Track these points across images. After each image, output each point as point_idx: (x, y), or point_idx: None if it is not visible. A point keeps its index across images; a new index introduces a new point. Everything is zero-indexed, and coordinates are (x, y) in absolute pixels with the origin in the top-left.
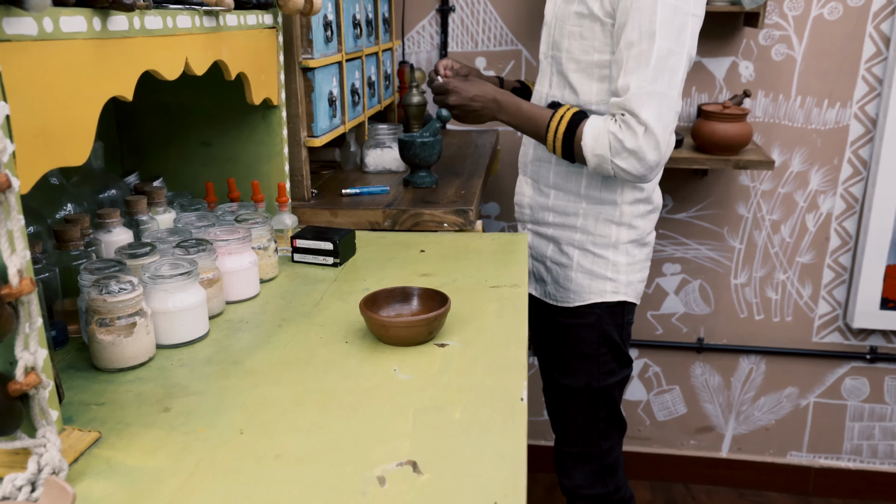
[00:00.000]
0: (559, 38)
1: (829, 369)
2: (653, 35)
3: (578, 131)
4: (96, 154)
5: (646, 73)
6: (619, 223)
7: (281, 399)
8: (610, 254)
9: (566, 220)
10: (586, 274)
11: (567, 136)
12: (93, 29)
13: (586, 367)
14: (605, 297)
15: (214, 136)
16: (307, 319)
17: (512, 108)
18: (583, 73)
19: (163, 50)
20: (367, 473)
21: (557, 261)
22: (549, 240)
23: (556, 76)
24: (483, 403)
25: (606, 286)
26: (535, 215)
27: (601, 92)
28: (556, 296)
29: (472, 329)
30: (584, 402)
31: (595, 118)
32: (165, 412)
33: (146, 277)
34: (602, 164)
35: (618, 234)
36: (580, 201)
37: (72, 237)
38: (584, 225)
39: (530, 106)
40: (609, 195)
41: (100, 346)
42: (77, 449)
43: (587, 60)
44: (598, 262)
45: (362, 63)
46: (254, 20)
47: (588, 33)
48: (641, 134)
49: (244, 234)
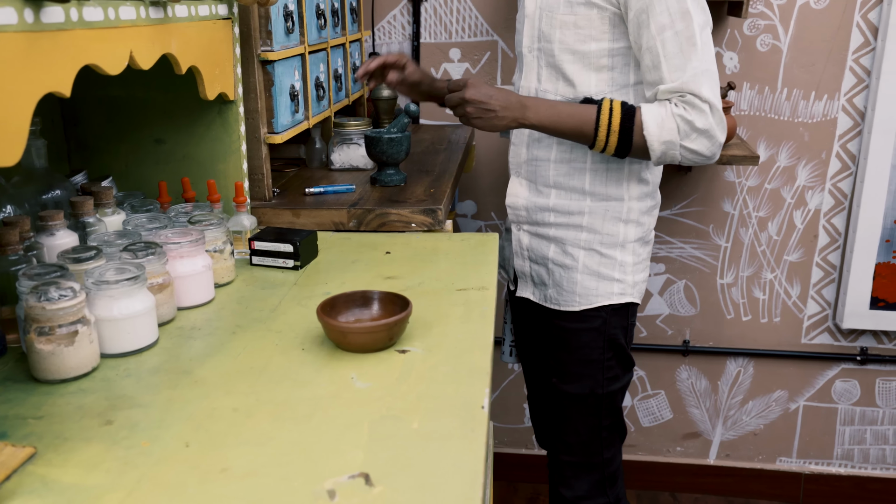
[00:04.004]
0: (548, 28)
1: (818, 371)
2: (686, 13)
3: (637, 121)
4: (39, 152)
5: (695, 53)
6: (627, 220)
7: (231, 410)
8: (617, 253)
9: (570, 220)
10: (592, 275)
11: (625, 128)
12: (24, 21)
13: (590, 373)
14: (612, 300)
15: (168, 133)
16: (263, 326)
17: (545, 108)
18: (580, 64)
19: (104, 43)
20: (316, 487)
21: (560, 262)
22: (550, 241)
23: (547, 69)
24: (443, 412)
25: (614, 287)
26: (533, 217)
27: (601, 82)
28: (559, 299)
29: (435, 334)
30: (588, 410)
31: (649, 106)
32: (107, 425)
33: (90, 283)
34: (670, 150)
35: (625, 233)
36: (584, 199)
37: (10, 241)
38: (591, 223)
39: (565, 103)
40: (616, 191)
41: (39, 356)
42: (9, 466)
43: (584, 50)
44: (606, 263)
45: (328, 55)
46: (206, 11)
47: (583, 22)
48: (709, 112)
49: (197, 236)
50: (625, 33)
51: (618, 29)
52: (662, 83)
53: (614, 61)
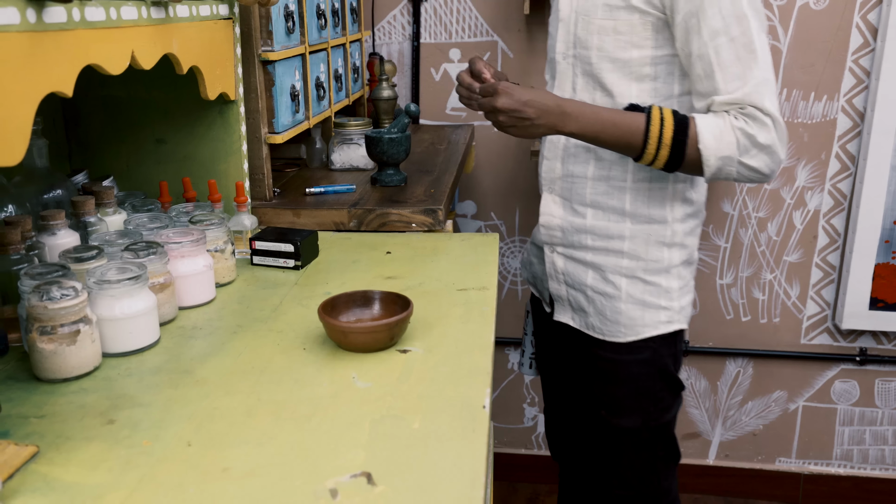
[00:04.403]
0: (584, 34)
1: (818, 372)
2: (742, 16)
3: (691, 133)
4: (40, 152)
5: (754, 60)
6: (671, 244)
7: (232, 410)
8: (662, 280)
9: (609, 244)
10: (637, 304)
11: (678, 141)
12: (27, 21)
13: (642, 406)
14: (660, 329)
15: (169, 133)
16: (264, 325)
17: (586, 115)
18: (619, 73)
19: (106, 43)
20: (318, 486)
21: (601, 290)
22: (588, 266)
23: (583, 78)
24: (443, 412)
25: (661, 316)
26: (569, 238)
27: (642, 93)
28: (603, 329)
29: (436, 334)
30: (642, 444)
31: (704, 116)
32: (109, 424)
33: (91, 283)
34: (726, 166)
35: (670, 257)
36: (624, 220)
37: (11, 240)
38: (633, 249)
39: (610, 110)
40: (658, 211)
41: (41, 355)
42: (12, 465)
43: (624, 58)
44: (651, 291)
45: (328, 55)
46: (207, 11)
47: (624, 27)
48: (772, 126)
49: (198, 236)
50: (669, 39)
51: (662, 35)
52: (717, 94)
53: (657, 70)
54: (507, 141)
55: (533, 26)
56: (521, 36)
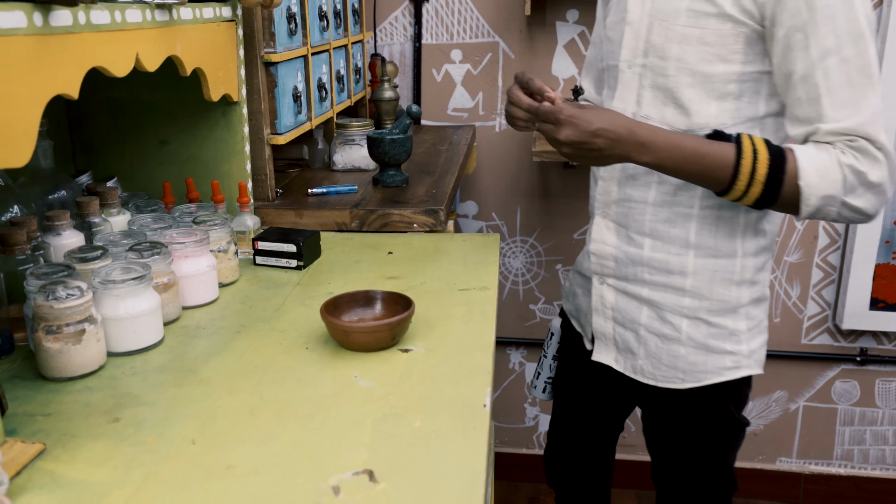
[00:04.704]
0: (661, 41)
1: (818, 372)
2: (859, 36)
3: (789, 168)
4: (45, 153)
5: (870, 87)
6: (740, 282)
7: (235, 408)
8: (728, 321)
9: (669, 280)
10: (699, 349)
11: (774, 178)
12: (33, 25)
13: (703, 452)
14: (724, 376)
15: (172, 134)
16: (267, 325)
17: (666, 145)
18: (700, 89)
19: (111, 46)
20: (321, 484)
21: (657, 331)
22: (642, 302)
23: (652, 91)
24: (445, 411)
25: (725, 361)
26: (623, 270)
27: (722, 113)
28: (656, 374)
29: (437, 334)
30: (703, 486)
31: (804, 148)
32: (114, 423)
33: (96, 282)
34: (827, 206)
35: (738, 296)
36: (687, 253)
37: (17, 241)
38: (696, 287)
39: (692, 139)
40: (727, 244)
41: (46, 354)
42: (19, 462)
43: (708, 72)
44: (714, 334)
45: (330, 56)
46: (210, 13)
47: (712, 37)
48: (885, 162)
49: (202, 236)
50: (761, 55)
51: (753, 49)
52: (823, 122)
53: (743, 88)
54: (509, 142)
55: (534, 27)
56: (523, 37)
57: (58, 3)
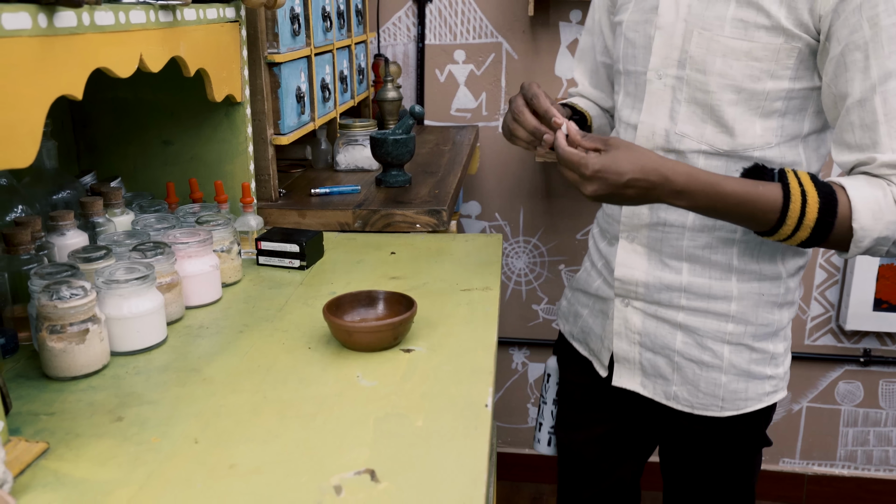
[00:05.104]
0: (701, 53)
1: (822, 373)
2: None
3: (841, 209)
4: (49, 153)
5: None
6: (783, 303)
7: (238, 408)
8: (770, 345)
9: (710, 306)
10: (741, 376)
11: (825, 221)
12: (38, 26)
13: (734, 478)
14: (764, 402)
15: (176, 134)
16: (270, 325)
17: (705, 190)
18: (745, 107)
19: (115, 46)
20: (323, 483)
21: (695, 358)
22: (677, 328)
23: (689, 106)
24: (446, 411)
25: (766, 386)
26: (655, 296)
27: (767, 132)
28: (692, 402)
29: (439, 334)
30: None
31: (857, 184)
32: (118, 422)
33: (100, 282)
34: (879, 245)
35: (780, 318)
36: (729, 278)
37: (22, 241)
38: (741, 312)
39: (731, 180)
40: (770, 267)
41: (50, 353)
42: (23, 461)
43: (754, 90)
44: (757, 359)
45: (333, 57)
46: (214, 14)
47: (763, 52)
48: None
49: (205, 236)
50: (811, 70)
51: (804, 65)
52: (878, 151)
53: (789, 105)
54: None
55: (537, 28)
56: (526, 37)
57: (62, 5)
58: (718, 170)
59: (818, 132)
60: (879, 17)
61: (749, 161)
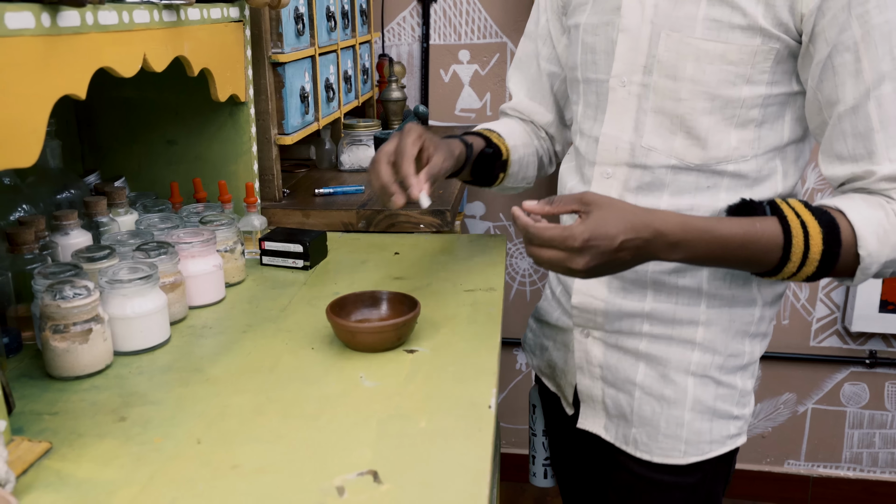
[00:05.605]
0: (671, 56)
1: (827, 374)
2: None
3: (845, 238)
4: (53, 153)
5: None
6: (755, 334)
7: (241, 408)
8: (738, 380)
9: (675, 332)
10: (706, 414)
11: (831, 253)
12: (41, 25)
13: None
14: (727, 446)
15: (180, 134)
16: (273, 325)
17: (703, 238)
18: (719, 116)
19: (118, 46)
20: (325, 484)
21: (656, 392)
22: (640, 358)
23: (656, 117)
24: (450, 411)
25: (730, 428)
26: (616, 324)
27: (742, 144)
28: (651, 446)
29: (443, 335)
30: None
31: (856, 206)
32: (121, 422)
33: (103, 282)
34: (885, 269)
35: (751, 351)
36: (698, 303)
37: (25, 240)
38: (708, 339)
39: (728, 222)
40: (744, 292)
41: (54, 353)
42: (26, 460)
43: (731, 96)
44: (723, 395)
45: (337, 57)
46: (218, 14)
47: (738, 55)
48: None
49: (209, 236)
50: (789, 74)
51: (782, 67)
52: (875, 163)
53: (766, 113)
54: None
55: None
56: None
57: (65, 4)
58: (688, 186)
59: (797, 142)
60: (870, 15)
61: (721, 175)
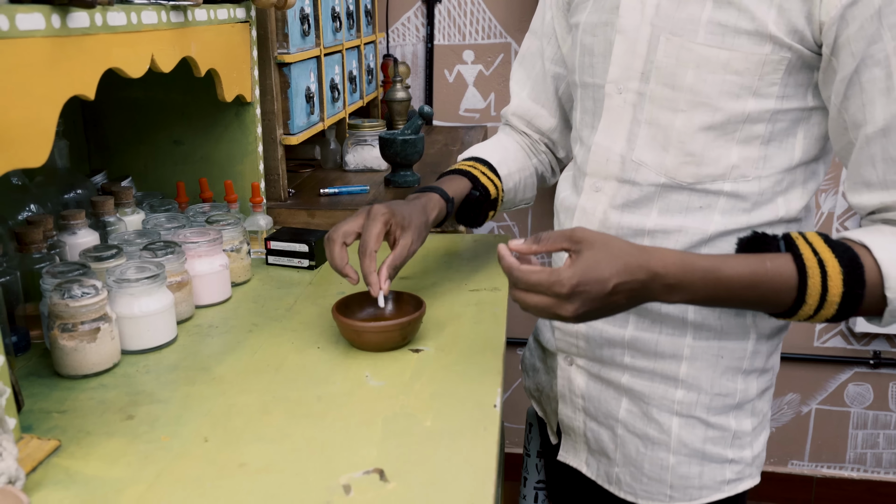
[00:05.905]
0: (671, 62)
1: (831, 375)
2: None
3: (869, 277)
4: (61, 153)
5: None
6: (749, 371)
7: (248, 407)
8: (731, 421)
9: (658, 366)
10: (695, 458)
11: (853, 294)
12: (51, 26)
13: None
14: (723, 491)
15: (186, 134)
16: (279, 324)
17: (705, 279)
18: (718, 132)
19: (127, 47)
20: (332, 482)
21: (640, 431)
22: (621, 392)
23: (650, 128)
24: (455, 410)
25: (725, 473)
26: (597, 352)
27: (745, 163)
28: (635, 487)
29: (448, 334)
30: None
31: (878, 240)
32: (128, 420)
33: (111, 281)
34: None
35: (745, 389)
36: (684, 334)
37: (34, 239)
38: (692, 376)
39: (733, 260)
40: (736, 323)
41: (62, 352)
42: (35, 458)
43: (732, 110)
44: (713, 438)
45: (342, 57)
46: (225, 15)
47: (744, 64)
48: None
49: (215, 235)
50: (803, 87)
51: (794, 79)
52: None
53: (774, 130)
54: None
55: None
56: None
57: (75, 5)
58: (678, 205)
59: (808, 163)
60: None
61: (716, 195)
